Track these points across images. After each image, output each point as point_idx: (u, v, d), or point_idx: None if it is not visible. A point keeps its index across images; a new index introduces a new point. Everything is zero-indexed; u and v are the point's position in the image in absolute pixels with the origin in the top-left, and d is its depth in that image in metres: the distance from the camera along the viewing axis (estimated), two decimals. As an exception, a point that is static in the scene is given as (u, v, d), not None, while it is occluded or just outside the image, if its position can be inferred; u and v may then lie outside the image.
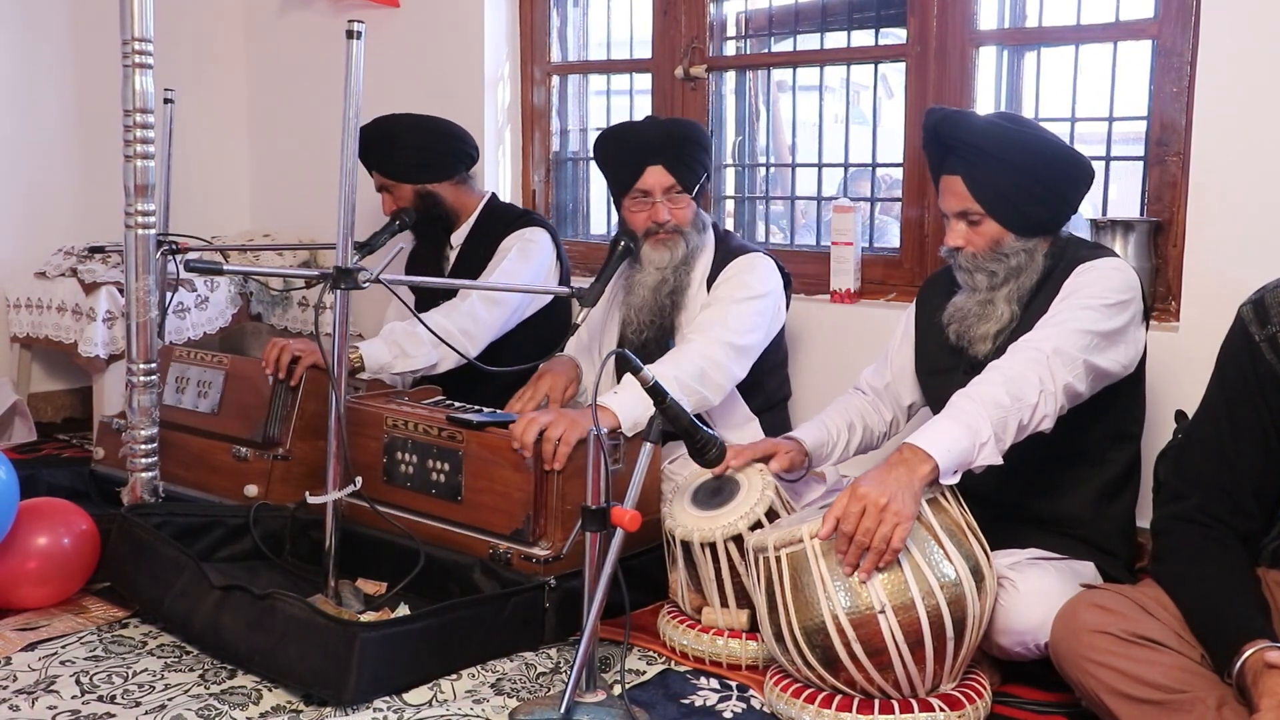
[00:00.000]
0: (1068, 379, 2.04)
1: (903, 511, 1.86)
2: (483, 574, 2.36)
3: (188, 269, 2.54)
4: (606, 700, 1.94)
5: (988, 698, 1.99)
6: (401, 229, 3.15)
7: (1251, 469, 1.77)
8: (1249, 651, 1.60)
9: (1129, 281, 2.17)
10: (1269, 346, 1.73)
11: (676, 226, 2.75)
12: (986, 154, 2.18)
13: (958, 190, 2.21)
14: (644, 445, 1.93)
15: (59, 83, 4.16)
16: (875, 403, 2.54)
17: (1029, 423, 2.00)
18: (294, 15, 4.45)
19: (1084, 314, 2.10)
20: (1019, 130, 2.22)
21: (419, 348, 2.91)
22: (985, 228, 2.21)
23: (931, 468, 1.91)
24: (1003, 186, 2.18)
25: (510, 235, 3.17)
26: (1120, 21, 2.85)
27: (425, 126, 3.24)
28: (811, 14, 3.44)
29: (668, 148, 2.73)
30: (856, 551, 1.88)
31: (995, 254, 2.21)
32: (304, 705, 2.02)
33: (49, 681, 2.11)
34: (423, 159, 3.19)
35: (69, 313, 3.75)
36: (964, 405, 1.98)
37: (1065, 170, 2.22)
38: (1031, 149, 2.19)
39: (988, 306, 2.24)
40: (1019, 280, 2.22)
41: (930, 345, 2.41)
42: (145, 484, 2.65)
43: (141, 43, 2.54)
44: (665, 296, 2.77)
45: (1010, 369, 2.03)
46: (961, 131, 2.20)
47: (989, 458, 1.95)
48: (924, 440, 1.93)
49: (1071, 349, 2.05)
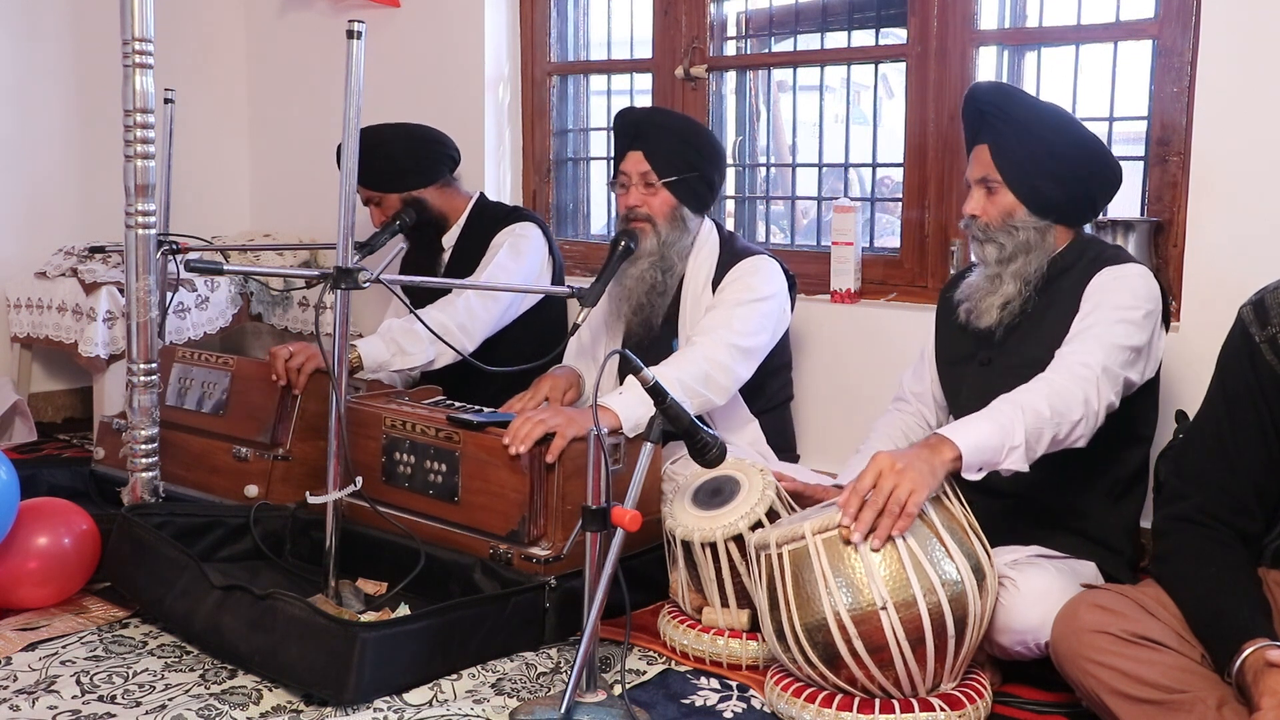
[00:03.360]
0: (1111, 398, 2.07)
1: (919, 479, 1.86)
2: (483, 574, 2.36)
3: (188, 269, 2.54)
4: (607, 700, 1.94)
5: (988, 697, 1.99)
6: (402, 229, 3.16)
7: (1252, 469, 1.77)
8: (1249, 650, 1.60)
9: (1154, 290, 2.21)
10: (1269, 347, 1.73)
11: (647, 215, 2.74)
12: (1018, 124, 2.24)
13: (983, 158, 2.29)
14: (644, 445, 1.93)
15: (59, 83, 4.16)
16: (918, 410, 2.53)
17: (1064, 438, 2.02)
18: (294, 15, 4.45)
19: (1121, 328, 2.12)
20: (1055, 112, 2.30)
21: (416, 344, 2.91)
22: (1000, 197, 2.27)
23: (955, 455, 1.91)
24: (1023, 157, 2.24)
25: (501, 231, 3.18)
26: (1120, 21, 2.85)
27: (403, 134, 3.25)
28: (812, 14, 3.44)
29: (648, 134, 2.74)
30: (870, 513, 1.87)
31: (1006, 225, 2.26)
32: (304, 705, 2.02)
33: (49, 681, 2.11)
34: (404, 166, 3.20)
35: (69, 313, 3.75)
36: (1003, 408, 1.99)
37: (1088, 159, 2.26)
38: (1060, 129, 2.26)
39: (995, 281, 2.28)
40: (1027, 258, 2.26)
41: (948, 335, 2.43)
42: (146, 484, 2.65)
43: (142, 43, 2.54)
44: (643, 294, 2.76)
45: (1059, 384, 2.03)
46: (1000, 98, 2.29)
47: (1016, 463, 1.96)
48: (952, 431, 1.95)
49: (1116, 367, 2.09)
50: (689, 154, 2.75)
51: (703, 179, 2.78)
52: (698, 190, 2.78)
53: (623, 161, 2.78)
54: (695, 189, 2.78)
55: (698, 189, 2.78)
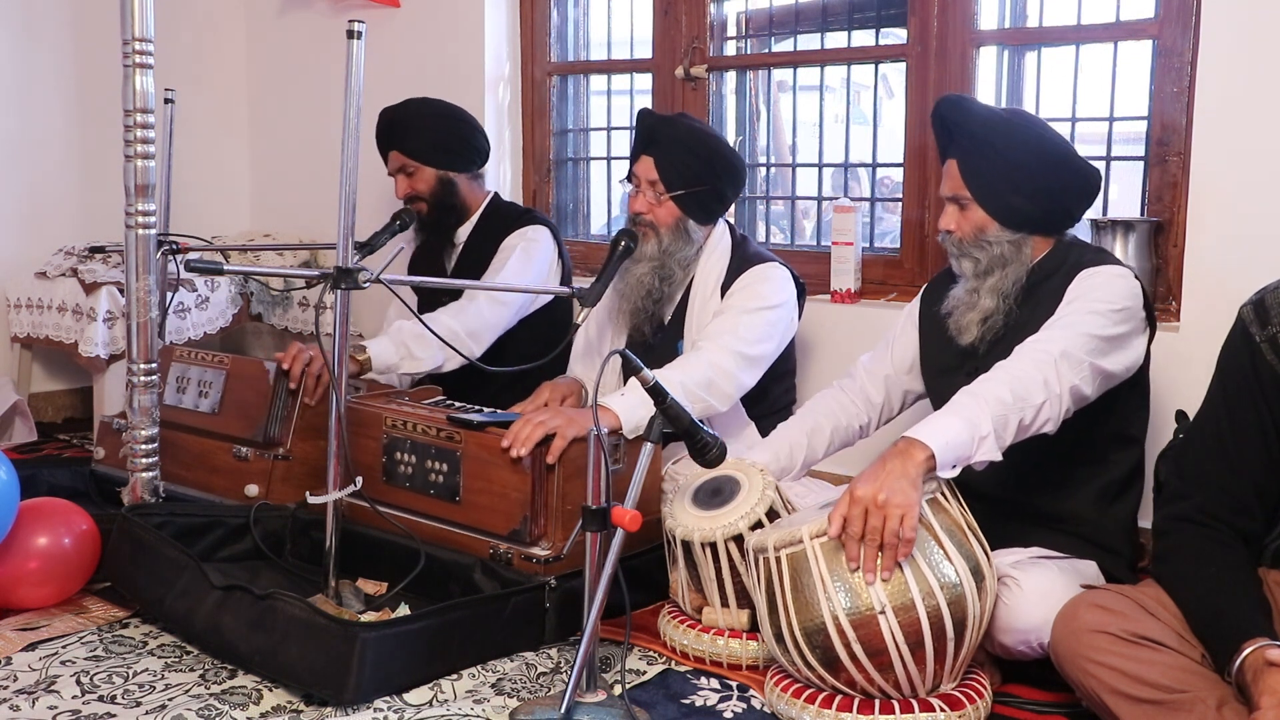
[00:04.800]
0: (1074, 381, 2.05)
1: (904, 502, 1.85)
2: (483, 574, 2.36)
3: (188, 269, 2.54)
4: (607, 700, 1.94)
5: (988, 698, 1.99)
6: (402, 229, 3.15)
7: (1252, 469, 1.77)
8: (1249, 650, 1.60)
9: (1133, 289, 2.19)
10: (1269, 347, 1.73)
11: (650, 222, 2.73)
12: (980, 141, 2.24)
13: (953, 174, 2.29)
14: (644, 445, 1.93)
15: (59, 83, 4.16)
16: (863, 387, 2.53)
17: (1031, 423, 2.01)
18: (294, 15, 4.45)
19: (1090, 318, 2.11)
20: (1019, 125, 2.27)
21: (426, 349, 2.91)
22: (972, 214, 2.27)
23: (927, 456, 1.90)
24: (990, 175, 2.23)
25: (512, 234, 3.17)
26: (1121, 22, 2.85)
27: (452, 114, 3.26)
28: (812, 14, 3.44)
29: (662, 143, 2.73)
30: (870, 554, 1.86)
31: (979, 241, 2.26)
32: (304, 705, 2.02)
33: (49, 681, 2.11)
34: (448, 143, 3.20)
35: (69, 313, 3.75)
36: (965, 401, 1.99)
37: (1059, 172, 2.24)
38: (1026, 144, 2.23)
39: (974, 295, 2.28)
40: (1004, 271, 2.26)
41: (935, 344, 2.42)
42: (146, 484, 2.65)
43: (142, 43, 2.54)
44: (640, 299, 2.76)
45: (1016, 369, 2.04)
46: (960, 116, 2.28)
47: (988, 453, 1.95)
48: (921, 432, 1.94)
49: (1079, 352, 2.07)
50: (700, 168, 2.72)
51: (713, 192, 2.76)
52: (706, 203, 2.76)
53: (636, 163, 2.78)
54: (704, 202, 2.76)
55: (706, 202, 2.76)
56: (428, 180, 3.19)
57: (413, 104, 3.24)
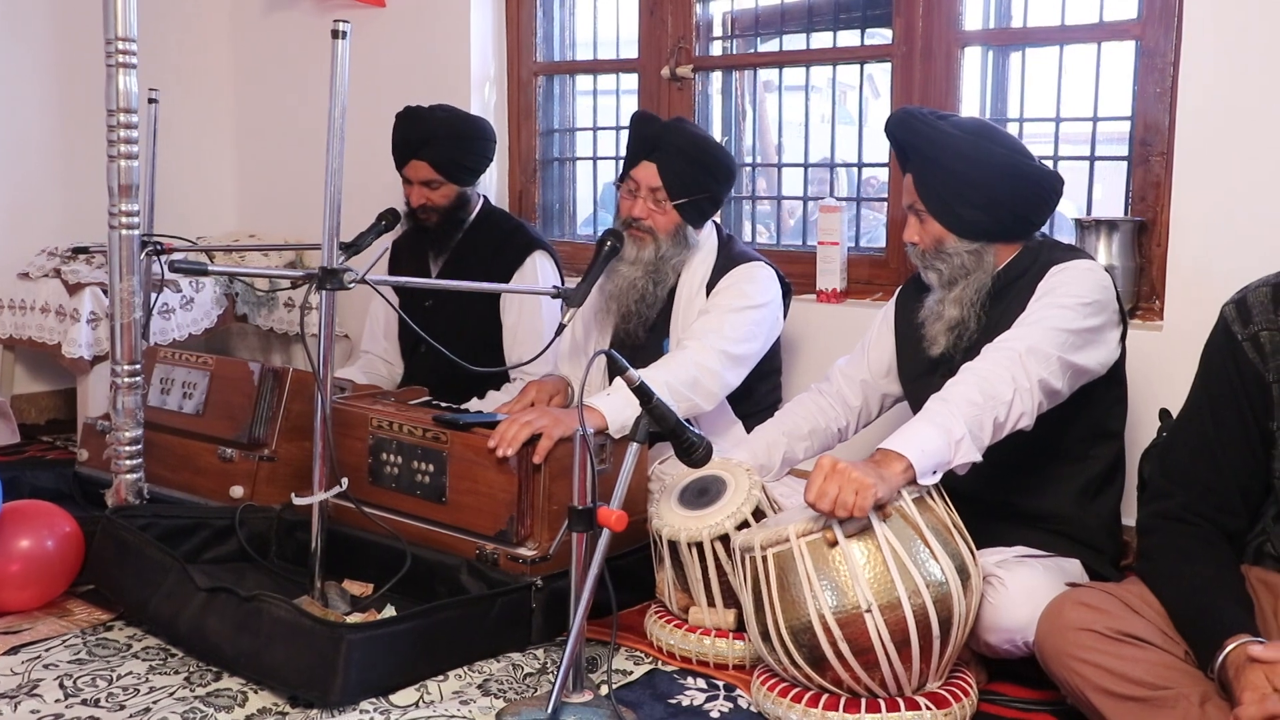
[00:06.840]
0: (1043, 375, 2.06)
1: (864, 480, 1.85)
2: (470, 575, 2.36)
3: (172, 269, 2.53)
4: (594, 700, 1.94)
5: (974, 696, 1.99)
6: (388, 229, 3.15)
7: (1236, 467, 1.78)
8: (1231, 646, 1.61)
9: (1102, 282, 2.20)
10: (1251, 345, 1.75)
11: (650, 228, 2.73)
12: (928, 158, 2.26)
13: (909, 187, 2.32)
14: (630, 445, 1.93)
15: (42, 82, 4.14)
16: (840, 393, 2.54)
17: (1005, 420, 2.02)
18: (279, 15, 4.43)
19: (1059, 312, 2.12)
20: (968, 138, 2.25)
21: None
22: (929, 226, 2.29)
23: (904, 467, 1.91)
24: (942, 189, 2.25)
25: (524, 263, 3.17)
26: (1104, 22, 2.87)
27: (484, 133, 3.25)
28: (797, 14, 3.44)
29: (667, 150, 2.71)
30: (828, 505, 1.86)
31: (939, 252, 2.28)
32: (290, 707, 2.01)
33: (32, 685, 2.09)
34: (477, 164, 3.22)
35: (53, 314, 3.73)
36: (936, 407, 2.00)
37: (1010, 183, 2.24)
38: (973, 157, 2.23)
39: (940, 305, 2.30)
40: (968, 281, 2.27)
41: (910, 351, 2.43)
42: (130, 486, 2.64)
43: (125, 42, 2.53)
44: (631, 302, 2.75)
45: (982, 369, 2.05)
46: (907, 132, 2.30)
47: (967, 455, 1.96)
48: (895, 443, 1.94)
49: (1046, 346, 2.08)
50: (702, 175, 2.73)
51: (710, 198, 2.77)
52: (703, 208, 2.78)
53: (635, 167, 2.75)
54: (701, 207, 2.77)
55: (704, 207, 2.77)
56: (448, 195, 3.18)
57: (446, 118, 3.19)
